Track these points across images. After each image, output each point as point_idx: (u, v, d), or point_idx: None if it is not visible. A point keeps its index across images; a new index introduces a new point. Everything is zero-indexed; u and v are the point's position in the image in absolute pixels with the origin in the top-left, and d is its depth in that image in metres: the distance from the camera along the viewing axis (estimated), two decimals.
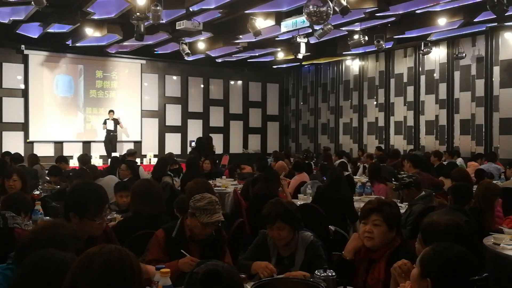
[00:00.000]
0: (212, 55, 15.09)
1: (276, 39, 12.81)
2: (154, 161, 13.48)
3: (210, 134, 15.42)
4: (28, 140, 14.33)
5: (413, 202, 4.87)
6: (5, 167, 6.01)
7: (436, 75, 13.73)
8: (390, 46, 13.37)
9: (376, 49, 12.37)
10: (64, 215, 2.73)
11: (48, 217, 4.32)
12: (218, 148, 15.99)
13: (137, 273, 1.64)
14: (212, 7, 9.97)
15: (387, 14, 10.52)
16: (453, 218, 2.36)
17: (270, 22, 10.82)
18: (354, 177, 8.65)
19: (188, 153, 14.36)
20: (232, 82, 18.32)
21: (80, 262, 1.63)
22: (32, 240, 2.08)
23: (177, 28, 10.56)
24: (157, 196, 3.90)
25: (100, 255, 1.62)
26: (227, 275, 1.65)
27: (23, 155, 10.35)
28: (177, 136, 16.91)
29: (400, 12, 10.44)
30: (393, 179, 7.67)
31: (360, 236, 2.81)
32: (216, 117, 17.87)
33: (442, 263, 1.83)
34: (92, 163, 9.87)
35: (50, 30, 12.10)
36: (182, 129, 17.07)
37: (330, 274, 2.48)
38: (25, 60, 14.37)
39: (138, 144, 15.68)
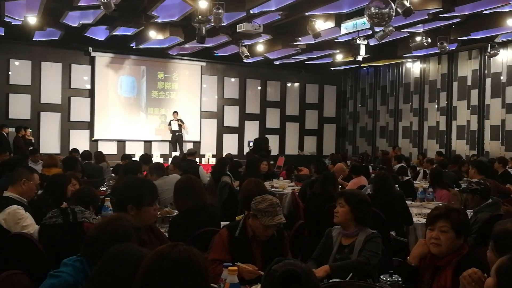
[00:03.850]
0: (270, 57, 15.17)
1: (335, 41, 12.70)
2: (212, 161, 13.73)
3: (266, 136, 15.50)
4: (93, 138, 14.96)
5: (479, 210, 4.70)
6: (76, 163, 6.31)
7: (503, 78, 13.15)
8: (454, 48, 12.92)
9: (439, 51, 12.00)
10: (119, 210, 2.91)
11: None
12: (274, 149, 16.05)
13: (204, 271, 1.70)
14: (272, 9, 10.02)
15: (452, 15, 10.19)
16: None
17: (330, 24, 10.74)
18: (415, 182, 8.44)
19: (245, 154, 14.52)
20: (289, 84, 18.33)
21: (150, 259, 1.70)
22: (97, 234, 2.20)
23: (237, 30, 10.68)
24: (196, 191, 3.82)
25: (169, 254, 1.69)
26: (305, 276, 1.68)
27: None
28: (234, 137, 17.14)
29: (466, 13, 10.07)
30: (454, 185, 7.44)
31: (426, 242, 2.75)
32: (273, 119, 17.96)
33: None
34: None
35: (116, 33, 12.61)
36: (239, 130, 17.29)
37: (395, 279, 2.46)
38: (92, 62, 15.01)
39: (197, 144, 16.00)
